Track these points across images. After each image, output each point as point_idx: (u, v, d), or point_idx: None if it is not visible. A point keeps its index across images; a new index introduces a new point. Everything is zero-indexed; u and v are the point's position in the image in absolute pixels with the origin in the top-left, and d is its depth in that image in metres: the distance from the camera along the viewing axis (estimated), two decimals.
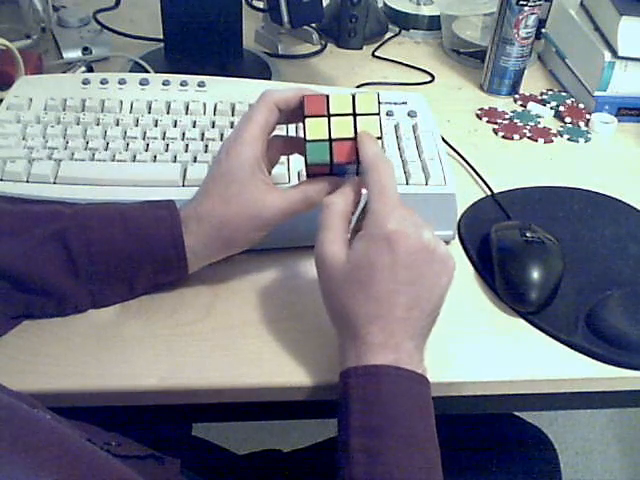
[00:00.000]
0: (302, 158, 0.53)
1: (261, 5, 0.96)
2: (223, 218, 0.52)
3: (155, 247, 0.53)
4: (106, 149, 0.63)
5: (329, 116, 0.51)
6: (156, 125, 0.66)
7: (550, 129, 0.85)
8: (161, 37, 0.88)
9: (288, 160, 0.63)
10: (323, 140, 0.51)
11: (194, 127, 0.66)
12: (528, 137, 0.83)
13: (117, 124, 0.65)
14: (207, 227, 0.52)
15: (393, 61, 0.98)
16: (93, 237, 0.52)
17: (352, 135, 0.51)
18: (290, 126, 0.64)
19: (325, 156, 0.51)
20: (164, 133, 0.65)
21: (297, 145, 0.55)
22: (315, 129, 0.51)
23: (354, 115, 0.52)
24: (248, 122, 0.52)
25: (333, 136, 0.51)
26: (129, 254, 0.53)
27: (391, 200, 0.48)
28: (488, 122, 0.86)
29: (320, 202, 0.51)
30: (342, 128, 0.51)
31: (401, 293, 0.47)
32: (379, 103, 0.52)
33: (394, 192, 0.48)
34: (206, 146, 0.64)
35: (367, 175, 0.49)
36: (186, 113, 0.67)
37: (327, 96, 0.52)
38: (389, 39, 1.03)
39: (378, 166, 0.49)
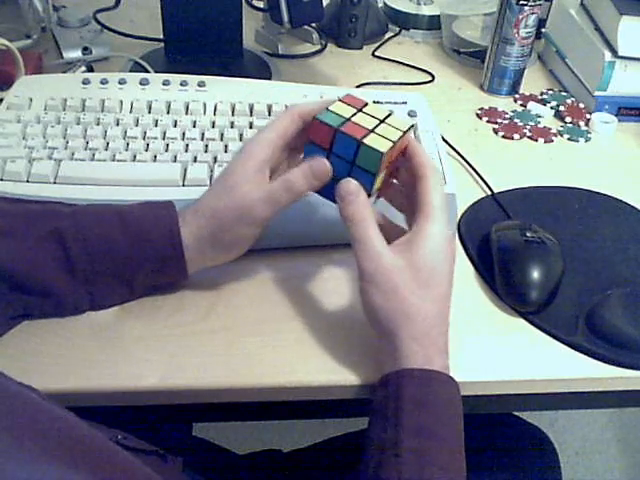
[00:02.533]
0: None
1: (261, 5, 0.96)
2: (213, 210, 0.52)
3: (153, 246, 0.52)
4: (106, 149, 0.63)
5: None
6: (156, 125, 0.66)
7: (550, 129, 0.85)
8: (161, 37, 0.88)
9: None
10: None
11: (194, 127, 0.66)
12: (528, 137, 0.83)
13: (117, 124, 0.65)
14: (200, 218, 0.53)
15: (393, 61, 0.98)
16: (91, 237, 0.52)
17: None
18: None
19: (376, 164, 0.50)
20: (164, 133, 0.65)
21: None
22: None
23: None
24: (267, 127, 0.53)
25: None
26: (127, 254, 0.52)
27: (445, 210, 0.50)
28: (488, 122, 0.86)
29: (303, 189, 0.51)
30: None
31: (450, 296, 0.50)
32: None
33: (445, 202, 0.51)
34: (206, 146, 0.64)
35: (428, 180, 0.50)
36: (186, 113, 0.68)
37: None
38: (389, 39, 1.03)
39: (436, 172, 0.51)
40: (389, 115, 0.53)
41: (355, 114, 0.52)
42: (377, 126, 0.51)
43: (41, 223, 0.52)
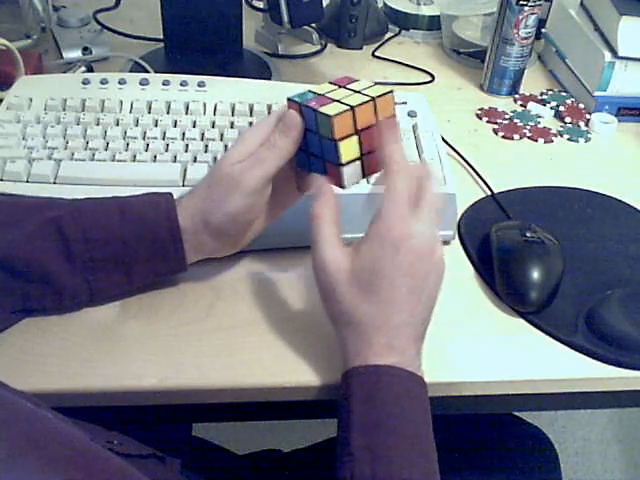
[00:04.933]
0: None
1: (261, 5, 0.96)
2: (205, 188, 0.53)
3: (150, 230, 0.52)
4: (106, 149, 0.63)
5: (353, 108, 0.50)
6: (156, 125, 0.66)
7: (550, 129, 0.85)
8: (161, 37, 0.88)
9: None
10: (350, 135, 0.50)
11: (194, 127, 0.66)
12: (528, 137, 0.83)
13: (117, 124, 0.65)
14: (195, 199, 0.53)
15: (393, 61, 0.98)
16: (88, 224, 0.52)
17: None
18: None
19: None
20: (164, 133, 0.65)
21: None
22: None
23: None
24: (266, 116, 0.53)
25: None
26: (124, 239, 0.52)
27: (401, 207, 0.48)
28: (488, 122, 0.86)
29: (283, 143, 0.50)
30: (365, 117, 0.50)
31: (404, 300, 0.48)
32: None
33: (406, 199, 0.48)
34: (206, 146, 0.64)
35: (388, 178, 0.49)
36: (186, 113, 0.68)
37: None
38: (389, 39, 1.03)
39: (399, 172, 0.49)
40: (371, 86, 0.51)
41: (333, 90, 0.51)
42: (347, 96, 0.50)
43: (39, 212, 0.52)
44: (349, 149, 0.50)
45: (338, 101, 0.50)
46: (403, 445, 0.45)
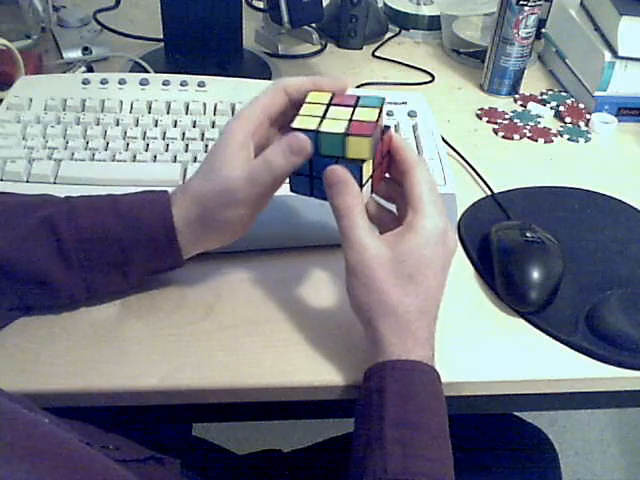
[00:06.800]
0: None
1: (261, 5, 0.96)
2: (199, 193, 0.51)
3: (145, 229, 0.51)
4: (106, 149, 0.63)
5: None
6: (156, 125, 0.66)
7: (550, 129, 0.85)
8: (161, 37, 0.89)
9: None
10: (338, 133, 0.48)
11: (194, 127, 0.66)
12: (528, 137, 0.83)
13: (117, 124, 0.65)
14: (187, 201, 0.51)
15: (393, 61, 0.98)
16: (82, 222, 0.51)
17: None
18: None
19: (339, 150, 0.49)
20: (164, 133, 0.65)
21: None
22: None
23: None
24: (251, 102, 0.52)
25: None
26: (119, 238, 0.51)
27: (436, 200, 0.49)
28: (488, 122, 0.86)
29: (282, 166, 0.49)
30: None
31: (441, 291, 0.49)
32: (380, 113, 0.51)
33: (436, 191, 0.50)
34: (206, 146, 0.64)
35: (414, 174, 0.49)
36: (186, 113, 0.68)
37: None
38: (389, 39, 1.03)
39: (422, 166, 0.50)
40: (357, 100, 0.50)
41: (326, 110, 0.50)
42: (326, 112, 0.50)
43: (33, 211, 0.52)
44: (367, 169, 0.49)
45: (324, 118, 0.49)
46: (433, 441, 0.45)
